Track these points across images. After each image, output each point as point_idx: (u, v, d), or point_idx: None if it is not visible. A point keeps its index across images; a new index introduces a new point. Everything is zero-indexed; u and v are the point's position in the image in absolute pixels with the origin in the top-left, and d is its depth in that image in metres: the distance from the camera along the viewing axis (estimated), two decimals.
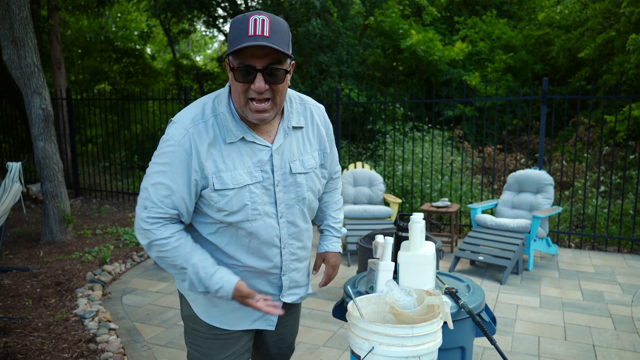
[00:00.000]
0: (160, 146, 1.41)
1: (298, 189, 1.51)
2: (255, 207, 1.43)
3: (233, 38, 1.31)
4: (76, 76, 14.83)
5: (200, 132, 1.38)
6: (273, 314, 1.48)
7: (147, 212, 1.40)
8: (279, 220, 1.49)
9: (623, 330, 3.49)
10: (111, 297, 4.14)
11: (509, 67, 10.15)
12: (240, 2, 11.91)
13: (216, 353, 1.56)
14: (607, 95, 8.39)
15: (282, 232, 1.51)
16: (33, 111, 5.26)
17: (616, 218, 6.22)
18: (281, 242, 1.52)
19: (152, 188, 1.40)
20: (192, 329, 1.59)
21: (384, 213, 5.50)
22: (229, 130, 1.41)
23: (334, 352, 3.15)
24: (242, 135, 1.42)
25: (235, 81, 1.35)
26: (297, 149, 1.51)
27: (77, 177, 8.66)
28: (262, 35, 1.28)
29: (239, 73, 1.33)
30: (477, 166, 8.00)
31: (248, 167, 1.42)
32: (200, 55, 23.10)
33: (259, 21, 1.28)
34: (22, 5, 5.06)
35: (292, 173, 1.49)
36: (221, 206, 1.41)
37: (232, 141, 1.40)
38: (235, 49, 1.28)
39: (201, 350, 1.58)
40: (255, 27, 1.28)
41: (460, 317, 1.72)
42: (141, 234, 1.43)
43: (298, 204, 1.52)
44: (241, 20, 1.31)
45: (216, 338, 1.56)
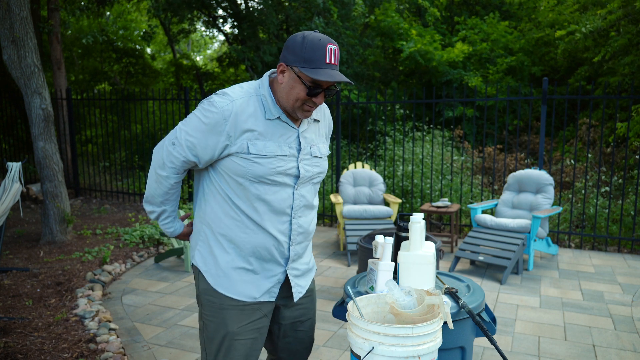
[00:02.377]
0: (203, 105, 1.62)
1: (315, 168, 1.74)
2: (277, 176, 1.64)
3: (309, 58, 1.56)
4: (76, 76, 14.83)
5: (242, 104, 1.62)
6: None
7: (172, 148, 1.66)
8: (294, 191, 1.70)
9: (623, 330, 3.49)
10: (111, 297, 4.14)
11: (509, 69, 10.15)
12: (240, 2, 11.91)
13: (230, 322, 1.69)
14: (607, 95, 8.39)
15: (295, 203, 1.70)
16: (33, 111, 5.26)
17: (616, 218, 6.21)
18: (292, 212, 1.71)
19: (184, 134, 1.64)
20: (208, 301, 1.72)
21: (384, 213, 5.50)
22: (269, 109, 1.65)
23: (334, 352, 3.15)
24: (278, 115, 1.65)
25: (303, 92, 1.60)
26: (315, 137, 1.77)
27: (77, 177, 8.66)
28: (335, 64, 1.59)
29: (310, 89, 1.59)
30: (477, 166, 8.00)
31: (279, 142, 1.65)
32: (200, 55, 23.10)
33: (334, 51, 1.58)
34: (22, 5, 5.06)
35: (313, 156, 1.74)
36: (250, 166, 1.61)
37: (270, 118, 1.64)
38: (320, 79, 1.54)
39: (216, 321, 1.71)
40: (332, 56, 1.57)
41: (460, 317, 1.72)
42: (160, 162, 1.69)
43: (311, 182, 1.75)
44: (318, 45, 1.56)
45: (231, 308, 1.69)
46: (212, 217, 1.70)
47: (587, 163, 5.89)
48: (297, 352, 1.89)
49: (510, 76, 10.01)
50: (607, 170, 7.47)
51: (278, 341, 1.86)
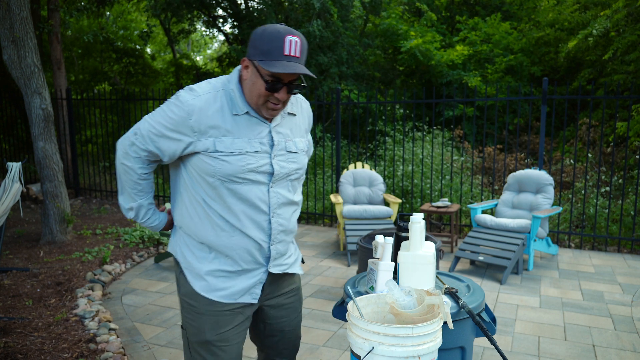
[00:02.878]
0: (170, 100, 1.59)
1: (290, 165, 1.67)
2: (249, 174, 1.58)
3: (267, 50, 1.48)
4: (76, 76, 14.83)
5: (209, 99, 1.56)
6: None
7: (134, 139, 1.63)
8: (269, 189, 1.63)
9: (623, 330, 3.49)
10: (111, 297, 4.14)
11: (509, 68, 10.15)
12: (240, 2, 11.91)
13: (208, 329, 1.65)
14: (607, 95, 8.39)
15: (271, 201, 1.64)
16: (33, 111, 5.26)
17: (616, 218, 6.21)
18: (270, 210, 1.64)
19: (148, 125, 1.60)
20: (188, 304, 1.68)
21: (384, 213, 5.50)
22: (236, 104, 1.58)
23: (334, 352, 3.15)
24: (247, 110, 1.59)
25: (263, 88, 1.53)
26: (290, 131, 1.69)
27: (77, 177, 8.66)
28: (295, 56, 1.49)
29: (269, 83, 1.51)
30: (477, 166, 8.00)
31: (248, 138, 1.58)
32: (200, 55, 23.10)
33: (294, 42, 1.48)
34: (22, 5, 5.06)
35: (287, 151, 1.66)
36: (218, 165, 1.55)
37: (237, 113, 1.58)
38: (276, 72, 1.46)
39: (195, 325, 1.67)
40: (290, 47, 1.48)
41: (460, 317, 1.72)
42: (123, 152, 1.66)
43: (287, 178, 1.68)
44: (276, 36, 1.48)
45: (210, 313, 1.65)
46: (187, 220, 1.66)
47: (587, 163, 5.89)
48: (284, 349, 1.86)
49: (509, 76, 10.01)
50: (607, 170, 7.47)
51: (265, 339, 1.84)
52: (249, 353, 3.05)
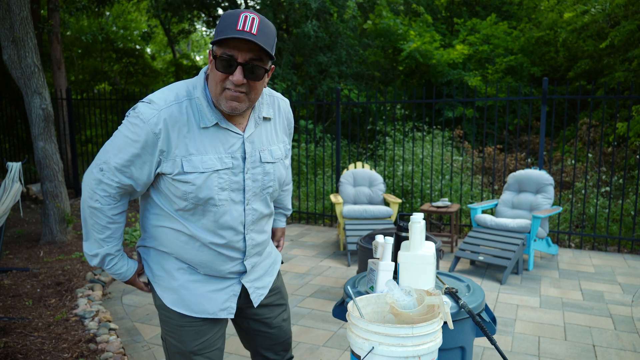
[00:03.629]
0: (129, 119, 1.40)
1: (265, 177, 1.54)
2: (222, 193, 1.45)
3: (220, 29, 1.34)
4: (76, 76, 14.83)
5: (173, 113, 1.39)
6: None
7: (101, 175, 1.42)
8: (245, 207, 1.52)
9: (623, 330, 3.49)
10: (111, 297, 4.13)
11: (509, 68, 10.15)
12: (240, 2, 11.92)
13: (190, 340, 1.57)
14: (607, 95, 8.39)
15: (246, 219, 1.53)
16: (33, 111, 5.26)
17: (616, 218, 6.21)
18: (245, 229, 1.54)
19: (112, 155, 1.41)
20: (166, 316, 1.60)
21: (384, 213, 5.50)
22: (204, 115, 1.42)
23: (334, 352, 3.15)
24: (216, 121, 1.43)
25: (216, 70, 1.36)
26: (266, 139, 1.55)
27: (77, 177, 8.66)
28: (250, 32, 1.31)
29: (221, 63, 1.35)
30: (477, 166, 8.00)
31: (219, 153, 1.44)
32: (200, 55, 23.10)
33: (249, 19, 1.32)
34: (22, 5, 5.06)
35: (262, 162, 1.53)
36: (188, 189, 1.42)
37: (206, 126, 1.42)
38: (221, 38, 1.31)
39: (176, 337, 1.59)
40: (245, 23, 1.31)
41: (460, 317, 1.72)
42: (90, 192, 1.45)
43: (263, 192, 1.56)
44: (232, 14, 1.34)
45: (189, 325, 1.57)
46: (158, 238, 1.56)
47: (587, 163, 5.88)
48: (274, 345, 1.81)
49: (509, 76, 10.01)
50: (607, 170, 7.47)
51: (252, 338, 1.80)
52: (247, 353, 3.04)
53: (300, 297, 4.12)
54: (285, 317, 1.83)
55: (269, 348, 1.82)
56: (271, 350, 1.82)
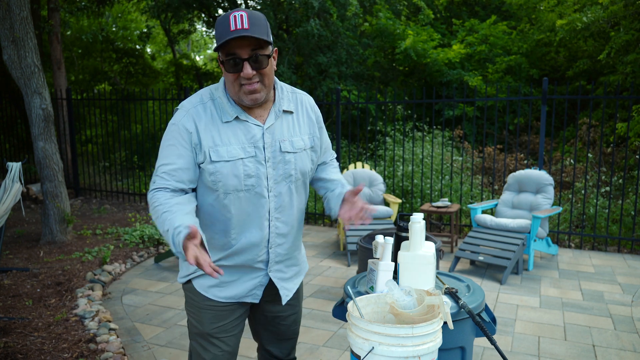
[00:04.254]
0: (167, 129, 1.59)
1: (286, 166, 1.64)
2: (247, 179, 1.58)
3: (218, 35, 1.48)
4: (76, 76, 14.83)
5: (199, 112, 1.57)
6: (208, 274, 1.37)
7: (154, 185, 1.58)
8: (268, 193, 1.62)
9: (623, 330, 3.49)
10: (111, 297, 4.14)
11: (509, 68, 10.15)
12: (240, 2, 11.91)
13: (208, 322, 1.69)
14: (607, 95, 8.39)
15: (270, 205, 1.63)
16: (33, 111, 5.26)
17: (616, 218, 6.21)
18: (269, 215, 1.64)
19: (161, 166, 1.57)
20: (188, 297, 1.72)
21: (384, 213, 5.50)
22: (225, 111, 1.58)
23: (334, 352, 3.15)
24: (236, 115, 1.57)
25: (227, 72, 1.52)
26: (287, 130, 1.66)
27: (77, 177, 8.66)
28: (243, 28, 1.44)
29: (228, 64, 1.49)
30: (477, 166, 8.00)
31: (242, 143, 1.57)
32: (200, 55, 23.10)
33: (239, 17, 1.45)
34: (22, 5, 5.06)
35: (282, 151, 1.63)
36: (217, 177, 1.56)
37: (227, 120, 1.57)
38: (220, 43, 1.46)
39: (195, 318, 1.71)
40: (236, 22, 1.45)
41: (460, 317, 1.72)
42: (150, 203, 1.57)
43: (285, 181, 1.65)
44: (223, 18, 1.48)
45: (208, 308, 1.68)
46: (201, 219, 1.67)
47: (587, 163, 5.88)
48: (280, 342, 1.88)
49: (509, 76, 10.01)
50: (607, 170, 7.47)
51: (261, 330, 1.87)
52: (248, 353, 3.05)
53: None
54: (297, 318, 1.89)
55: (274, 343, 1.88)
56: (276, 346, 1.88)
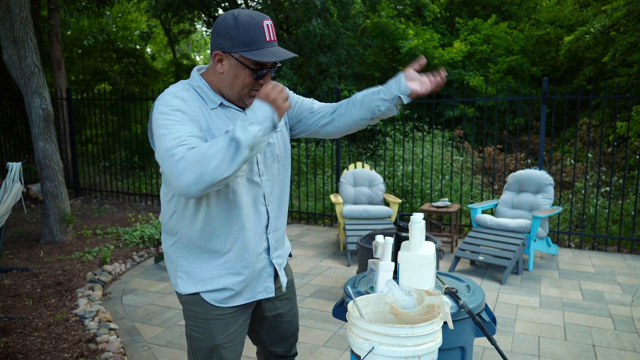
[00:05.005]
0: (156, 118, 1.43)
1: (272, 148, 1.65)
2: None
3: (249, 40, 1.44)
4: (76, 76, 14.83)
5: (185, 96, 1.49)
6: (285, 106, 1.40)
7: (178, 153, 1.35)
8: (260, 178, 1.62)
9: (623, 330, 3.49)
10: (111, 297, 4.14)
11: (510, 68, 10.15)
12: (241, 2, 11.91)
13: (218, 333, 1.62)
14: (607, 95, 8.39)
15: (265, 190, 1.63)
16: (33, 111, 5.26)
17: (616, 218, 6.21)
18: (265, 200, 1.64)
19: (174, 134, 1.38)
20: (193, 311, 1.63)
21: (384, 213, 5.50)
22: (209, 98, 1.55)
23: (334, 352, 3.15)
24: (220, 101, 1.55)
25: (249, 77, 1.50)
26: None
27: (77, 177, 8.66)
28: (274, 40, 1.49)
29: (256, 72, 1.49)
30: (477, 166, 8.00)
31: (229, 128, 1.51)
32: (200, 55, 23.11)
33: (270, 27, 1.48)
34: (22, 5, 5.06)
35: None
36: None
37: (213, 107, 1.54)
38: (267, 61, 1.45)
39: (203, 332, 1.63)
40: (269, 32, 1.47)
41: (460, 317, 1.72)
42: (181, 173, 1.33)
43: (274, 162, 1.66)
44: (254, 24, 1.45)
45: (217, 318, 1.62)
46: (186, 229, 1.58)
47: (587, 163, 5.88)
48: (282, 339, 1.86)
49: (510, 76, 10.01)
50: (607, 170, 7.47)
51: (263, 332, 1.84)
52: (248, 353, 3.05)
53: (301, 297, 4.12)
54: (295, 312, 1.89)
55: (277, 342, 1.86)
56: (279, 345, 1.87)
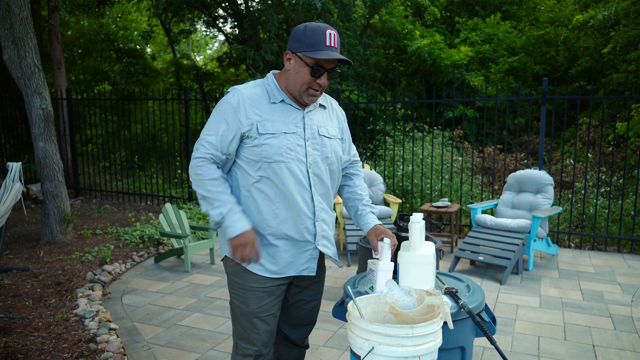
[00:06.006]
0: (216, 107, 1.84)
1: (324, 148, 1.88)
2: (289, 152, 1.79)
3: (311, 42, 1.74)
4: (76, 76, 14.83)
5: (249, 92, 1.83)
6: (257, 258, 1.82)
7: (197, 153, 1.80)
8: (308, 168, 1.84)
9: (623, 330, 3.49)
10: (111, 297, 4.14)
11: (511, 69, 10.16)
12: (241, 2, 11.92)
13: (252, 303, 1.87)
14: (607, 95, 8.39)
15: (311, 181, 1.85)
16: (33, 111, 5.26)
17: (616, 218, 6.21)
18: (311, 188, 1.85)
19: (205, 136, 1.81)
20: (234, 281, 1.90)
21: (384, 213, 5.50)
22: (273, 94, 1.84)
23: (334, 352, 3.15)
24: (282, 98, 1.84)
25: (307, 75, 1.77)
26: (322, 119, 1.93)
27: (77, 177, 8.66)
28: (335, 47, 1.77)
29: (314, 70, 1.76)
30: (477, 166, 8.00)
31: (285, 122, 1.82)
32: (200, 55, 23.10)
33: (333, 35, 1.77)
34: (22, 5, 5.06)
35: (320, 135, 1.88)
36: (262, 149, 1.77)
37: (274, 102, 1.83)
38: (321, 58, 1.74)
39: (239, 299, 1.89)
40: (331, 39, 1.76)
41: (460, 317, 1.72)
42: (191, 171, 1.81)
43: (323, 162, 1.88)
44: (318, 30, 1.75)
45: (252, 290, 1.86)
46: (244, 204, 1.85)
47: (587, 163, 5.88)
48: (297, 327, 2.06)
49: (511, 76, 10.01)
50: (607, 170, 7.47)
51: (286, 311, 2.03)
52: None
53: None
54: (317, 305, 2.08)
55: (292, 328, 2.07)
56: (293, 331, 2.07)
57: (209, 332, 3.44)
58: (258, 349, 1.89)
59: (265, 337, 1.89)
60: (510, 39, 10.28)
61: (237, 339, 1.95)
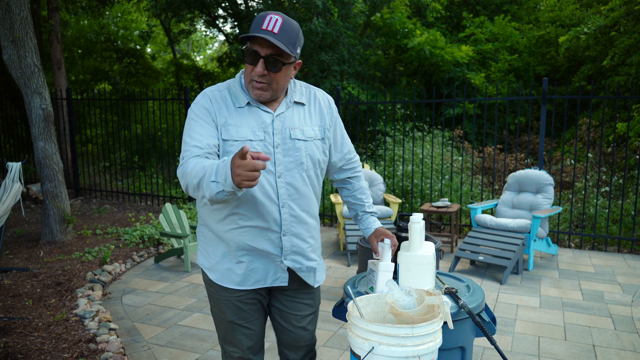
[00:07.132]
0: (189, 111, 1.70)
1: (297, 153, 1.70)
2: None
3: (251, 28, 1.59)
4: (76, 76, 14.82)
5: (215, 96, 1.69)
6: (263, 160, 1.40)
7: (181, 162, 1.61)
8: (277, 179, 1.67)
9: (623, 330, 3.49)
10: (111, 297, 4.14)
11: (512, 68, 10.16)
12: (241, 2, 11.92)
13: (228, 312, 1.79)
14: (607, 95, 8.38)
15: (280, 191, 1.68)
16: (33, 111, 5.26)
17: (616, 218, 6.21)
18: (279, 200, 1.68)
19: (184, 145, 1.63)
20: (208, 290, 1.84)
21: (384, 213, 5.50)
22: (238, 97, 1.68)
23: (334, 352, 3.15)
24: (247, 101, 1.67)
25: (245, 62, 1.64)
26: (297, 120, 1.73)
27: (77, 177, 8.66)
28: (272, 31, 1.55)
29: (247, 56, 1.61)
30: (477, 166, 8.00)
31: (252, 127, 1.66)
32: (200, 55, 23.10)
33: (273, 20, 1.56)
34: (22, 5, 5.06)
35: (292, 138, 1.70)
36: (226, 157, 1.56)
37: (240, 106, 1.67)
38: (246, 36, 1.56)
39: (216, 307, 1.82)
40: (269, 23, 1.55)
41: (460, 317, 1.72)
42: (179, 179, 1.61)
43: (297, 168, 1.71)
44: (261, 15, 1.59)
45: (225, 300, 1.78)
46: (205, 216, 1.76)
47: (587, 163, 5.88)
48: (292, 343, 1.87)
49: (512, 75, 10.01)
50: (607, 170, 7.47)
51: (277, 333, 1.90)
52: None
53: None
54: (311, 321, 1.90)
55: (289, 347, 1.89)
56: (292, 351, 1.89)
57: (209, 332, 3.44)
58: (244, 352, 1.82)
59: (251, 341, 1.82)
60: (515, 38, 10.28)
61: (222, 343, 1.88)
